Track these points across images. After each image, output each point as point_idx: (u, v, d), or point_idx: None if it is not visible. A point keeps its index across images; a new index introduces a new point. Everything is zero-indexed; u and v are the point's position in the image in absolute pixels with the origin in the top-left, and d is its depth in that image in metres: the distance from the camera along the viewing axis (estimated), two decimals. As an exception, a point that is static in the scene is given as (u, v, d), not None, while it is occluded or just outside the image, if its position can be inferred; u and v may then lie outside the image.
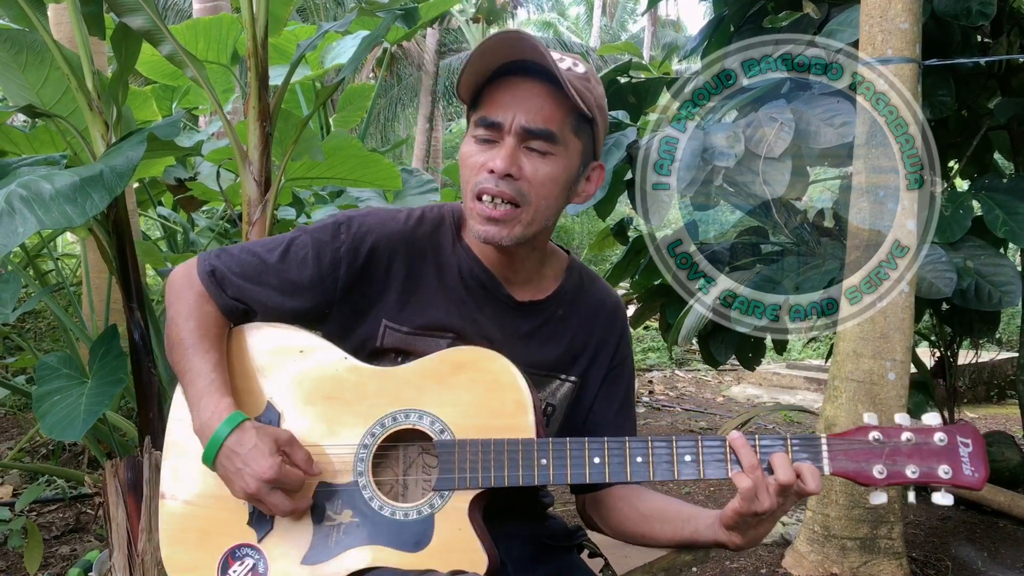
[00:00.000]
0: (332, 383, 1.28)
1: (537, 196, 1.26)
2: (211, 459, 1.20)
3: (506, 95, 1.24)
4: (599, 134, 1.32)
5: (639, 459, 1.19)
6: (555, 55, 1.25)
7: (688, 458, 1.19)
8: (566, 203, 1.33)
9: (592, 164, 1.34)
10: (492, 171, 1.23)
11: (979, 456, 1.15)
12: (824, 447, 1.17)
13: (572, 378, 1.40)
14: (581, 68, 1.28)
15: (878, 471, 1.15)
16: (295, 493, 1.21)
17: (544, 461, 1.20)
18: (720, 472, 1.18)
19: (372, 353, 1.32)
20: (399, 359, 1.31)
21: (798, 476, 1.14)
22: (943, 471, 1.14)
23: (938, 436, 1.16)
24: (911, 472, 1.14)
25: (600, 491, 1.41)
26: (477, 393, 1.24)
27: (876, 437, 1.17)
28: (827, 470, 1.16)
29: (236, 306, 1.33)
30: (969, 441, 1.15)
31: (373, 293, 1.32)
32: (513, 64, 1.23)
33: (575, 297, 1.42)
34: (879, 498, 1.17)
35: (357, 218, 1.34)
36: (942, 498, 1.14)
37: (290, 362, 1.31)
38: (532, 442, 1.21)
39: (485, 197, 1.24)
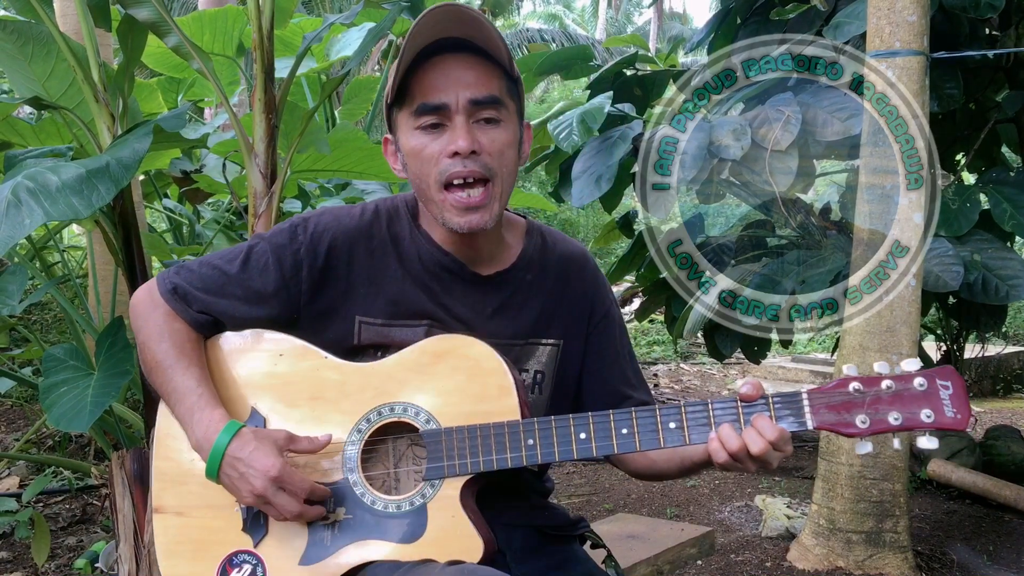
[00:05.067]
0: (315, 383, 1.28)
1: (501, 165, 1.25)
2: (215, 471, 1.20)
3: (440, 76, 1.22)
4: (523, 92, 1.32)
5: (624, 431, 1.20)
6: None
7: (672, 425, 1.19)
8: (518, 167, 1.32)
9: (523, 124, 1.33)
10: (456, 153, 1.21)
11: (960, 397, 1.14)
12: (806, 402, 1.17)
13: (551, 340, 1.39)
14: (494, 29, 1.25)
15: (860, 421, 1.15)
16: (300, 496, 1.20)
17: (531, 441, 1.20)
18: (705, 436, 1.18)
19: (350, 351, 1.31)
20: (379, 354, 1.31)
21: (759, 434, 1.15)
22: (925, 415, 1.14)
23: (918, 381, 1.15)
24: (894, 419, 1.15)
25: None
26: (459, 380, 1.24)
27: (856, 387, 1.17)
28: (810, 424, 1.16)
29: (204, 319, 1.31)
30: (949, 383, 1.15)
31: (339, 291, 1.32)
32: (431, 45, 1.22)
33: (540, 258, 1.40)
34: (864, 448, 1.17)
35: (312, 218, 1.34)
36: (927, 442, 1.14)
37: (271, 366, 1.30)
38: (518, 423, 1.21)
39: (456, 181, 1.23)
